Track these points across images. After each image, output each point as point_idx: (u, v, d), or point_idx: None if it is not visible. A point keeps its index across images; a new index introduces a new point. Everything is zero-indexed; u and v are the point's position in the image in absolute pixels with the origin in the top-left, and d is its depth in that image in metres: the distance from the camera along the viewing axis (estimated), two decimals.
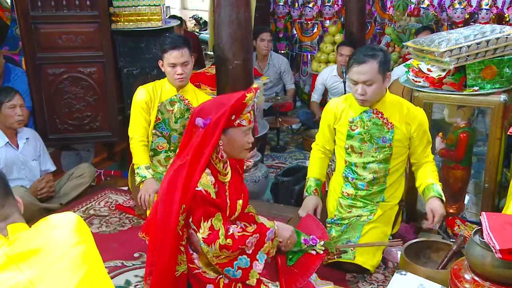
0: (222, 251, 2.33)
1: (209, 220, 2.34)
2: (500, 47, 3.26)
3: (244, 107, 2.44)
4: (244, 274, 2.40)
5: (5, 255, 1.56)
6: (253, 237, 2.40)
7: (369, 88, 3.03)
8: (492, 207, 3.42)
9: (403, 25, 5.94)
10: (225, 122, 2.39)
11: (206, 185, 2.38)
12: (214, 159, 2.47)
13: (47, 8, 4.39)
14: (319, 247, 2.65)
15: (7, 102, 3.92)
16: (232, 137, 2.46)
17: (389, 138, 3.16)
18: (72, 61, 4.53)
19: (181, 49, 3.48)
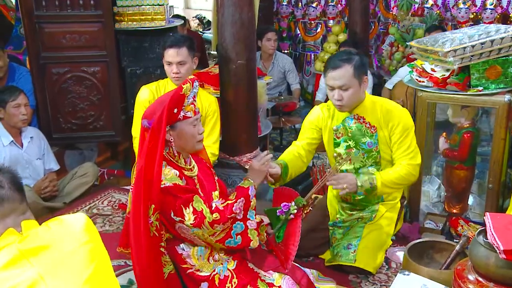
0: (214, 227, 2.35)
1: (190, 205, 2.35)
2: (505, 47, 3.25)
3: (183, 99, 2.42)
4: (244, 237, 2.44)
5: (18, 250, 1.59)
6: (238, 202, 2.43)
7: (345, 93, 3.01)
8: (496, 208, 3.41)
9: (407, 25, 5.92)
10: (168, 117, 2.37)
11: (172, 178, 2.39)
12: (172, 157, 2.49)
13: (51, 8, 4.41)
14: (292, 209, 2.70)
15: (11, 101, 3.94)
16: (181, 130, 2.46)
17: (374, 141, 3.13)
18: (76, 61, 4.55)
19: (178, 48, 3.51)
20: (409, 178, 3.11)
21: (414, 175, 3.12)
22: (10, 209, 1.71)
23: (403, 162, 3.09)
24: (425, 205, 3.78)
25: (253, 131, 4.16)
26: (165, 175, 2.39)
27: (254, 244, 2.47)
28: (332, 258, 3.21)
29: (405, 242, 3.19)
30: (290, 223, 2.71)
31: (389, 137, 3.12)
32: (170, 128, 2.43)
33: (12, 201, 1.71)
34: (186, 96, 2.43)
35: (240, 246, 2.46)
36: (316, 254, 3.37)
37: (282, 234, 2.70)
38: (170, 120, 2.41)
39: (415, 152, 3.12)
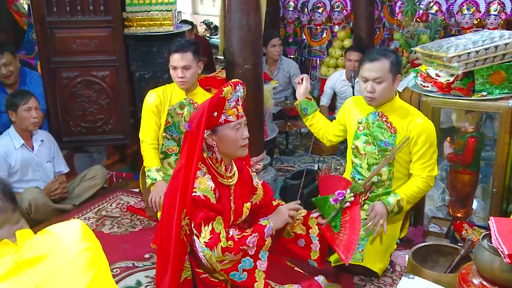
0: (224, 254, 2.30)
1: (210, 224, 2.30)
2: (509, 52, 3.24)
3: (224, 102, 2.37)
4: (250, 275, 2.36)
5: (14, 261, 1.59)
6: (253, 237, 2.35)
7: (378, 86, 3.05)
8: (500, 212, 3.40)
9: (412, 31, 5.92)
10: (207, 120, 2.33)
11: (205, 190, 2.34)
12: (214, 163, 2.44)
13: (62, 14, 4.43)
14: (348, 197, 2.59)
15: (22, 105, 3.96)
16: (223, 134, 2.40)
17: (391, 142, 3.15)
18: (86, 65, 4.57)
19: (183, 53, 3.50)
20: (426, 190, 3.20)
21: (430, 186, 3.19)
22: (3, 220, 1.69)
23: (421, 174, 3.11)
24: (430, 209, 3.78)
25: (260, 135, 4.16)
26: (199, 183, 2.34)
27: (259, 286, 2.37)
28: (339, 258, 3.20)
29: (410, 246, 3.19)
30: (349, 211, 2.59)
31: (410, 145, 3.11)
32: (212, 133, 2.39)
33: (4, 212, 1.70)
34: (227, 99, 2.37)
35: (243, 283, 2.38)
36: None
37: (339, 223, 2.58)
38: (210, 124, 2.36)
39: (434, 164, 3.14)
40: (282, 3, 7.08)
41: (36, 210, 3.85)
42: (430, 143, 3.10)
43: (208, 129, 2.36)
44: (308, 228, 2.64)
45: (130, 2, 4.51)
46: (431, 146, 3.10)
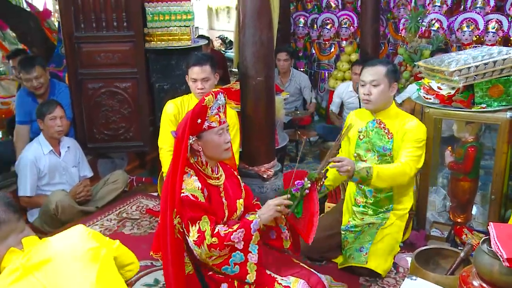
0: (211, 250, 2.30)
1: (196, 224, 2.31)
2: (507, 67, 3.24)
3: (206, 110, 2.38)
4: (242, 268, 2.37)
5: (22, 266, 1.63)
6: (238, 232, 2.34)
7: (374, 89, 3.11)
8: (498, 218, 3.39)
9: (415, 46, 5.92)
10: (190, 127, 2.36)
11: (193, 190, 2.35)
12: (200, 166, 2.46)
13: (89, 29, 4.49)
14: (306, 184, 2.58)
15: (48, 114, 4.00)
16: (207, 139, 2.42)
17: (389, 147, 3.16)
18: (109, 77, 4.60)
19: (202, 65, 3.51)
20: (403, 177, 3.06)
21: (408, 175, 3.06)
22: (9, 230, 1.72)
23: (402, 160, 3.07)
24: (431, 214, 3.76)
25: (271, 143, 4.16)
26: (186, 184, 2.36)
27: (251, 278, 2.37)
28: (345, 261, 3.20)
29: (413, 249, 3.17)
30: (307, 198, 2.60)
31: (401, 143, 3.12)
32: (197, 138, 2.41)
33: (9, 223, 1.72)
34: (209, 107, 2.39)
35: (236, 276, 2.38)
36: (329, 257, 3.36)
37: (300, 209, 2.59)
38: (194, 131, 2.39)
39: (419, 158, 3.11)
40: (293, 19, 7.11)
41: (62, 212, 3.88)
42: (418, 142, 3.09)
43: (193, 135, 2.39)
44: (277, 219, 2.63)
45: (151, 18, 4.54)
46: (419, 145, 3.10)
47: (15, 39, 6.99)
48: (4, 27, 7.02)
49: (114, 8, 4.46)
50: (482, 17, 5.64)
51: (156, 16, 4.55)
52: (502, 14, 5.60)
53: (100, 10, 4.46)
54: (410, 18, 6.05)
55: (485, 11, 5.73)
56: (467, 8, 5.85)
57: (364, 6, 5.94)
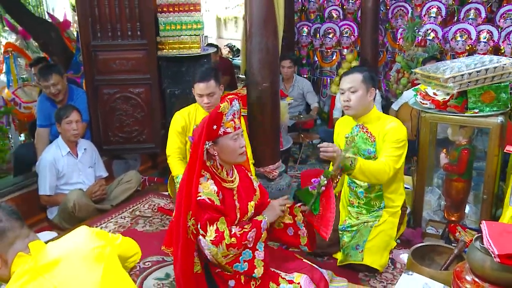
0: (229, 249, 2.28)
1: (214, 224, 2.29)
2: (497, 75, 3.23)
3: (222, 116, 2.37)
4: (250, 264, 2.36)
5: (31, 268, 1.64)
6: (252, 232, 2.35)
7: (353, 95, 3.12)
8: (489, 216, 3.37)
9: (412, 54, 5.91)
10: (207, 133, 2.34)
11: (209, 194, 2.33)
12: (216, 169, 2.45)
13: (105, 38, 4.51)
14: (322, 182, 2.58)
15: (65, 118, 4.02)
16: (223, 145, 2.40)
17: (372, 150, 3.17)
18: (124, 83, 4.62)
19: (207, 81, 3.49)
20: (382, 175, 3.01)
21: (387, 174, 3.01)
22: (14, 236, 1.73)
23: (382, 159, 3.05)
24: (427, 213, 3.75)
25: (276, 145, 4.17)
26: (203, 188, 2.34)
27: (259, 272, 2.37)
28: (344, 259, 3.21)
29: (409, 246, 3.17)
30: (323, 195, 2.59)
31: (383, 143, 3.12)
32: (213, 144, 2.39)
33: (13, 230, 1.74)
34: (224, 114, 2.37)
35: (245, 272, 2.37)
36: (330, 253, 3.36)
37: (318, 206, 2.59)
38: (210, 136, 2.37)
39: (399, 159, 3.08)
40: (297, 29, 7.11)
41: (79, 210, 3.90)
42: (398, 143, 3.07)
43: (209, 140, 2.37)
44: (294, 216, 2.65)
45: (163, 27, 4.58)
46: (399, 146, 3.07)
47: (37, 48, 7.04)
48: (28, 37, 7.10)
49: (128, 19, 4.48)
50: (474, 27, 5.64)
51: (168, 25, 4.58)
52: (493, 25, 5.60)
53: (115, 21, 4.48)
54: (407, 28, 6.05)
55: (477, 22, 5.72)
56: (460, 19, 5.84)
57: (364, 17, 5.95)
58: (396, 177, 3.22)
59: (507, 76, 3.26)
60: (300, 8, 7.12)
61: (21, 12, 6.26)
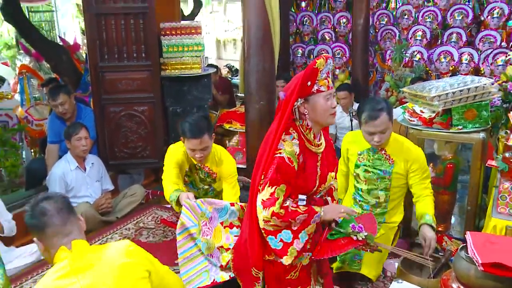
0: (272, 218, 2.13)
1: (273, 187, 2.13)
2: (479, 94, 3.27)
3: (317, 73, 2.15)
4: (284, 247, 2.20)
5: (69, 266, 1.66)
6: (303, 215, 2.17)
7: (384, 135, 2.99)
8: (473, 226, 3.38)
9: (399, 74, 5.95)
10: (300, 89, 2.13)
11: (291, 153, 2.15)
12: (304, 130, 2.25)
13: (112, 60, 4.53)
14: (361, 235, 2.37)
15: (74, 135, 4.03)
16: (315, 103, 2.19)
17: (389, 171, 3.10)
18: (129, 102, 4.62)
19: (200, 137, 3.11)
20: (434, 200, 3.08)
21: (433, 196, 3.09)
22: (52, 232, 1.74)
23: (426, 193, 3.04)
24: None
25: None
26: (286, 145, 2.17)
27: (287, 260, 2.21)
28: (341, 266, 3.17)
29: (399, 255, 3.15)
30: (348, 239, 2.38)
31: (407, 170, 3.06)
32: (305, 101, 2.19)
33: (53, 227, 1.75)
34: (320, 71, 2.16)
35: (275, 251, 2.22)
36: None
37: (336, 237, 2.39)
38: (303, 93, 2.17)
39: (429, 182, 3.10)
40: (292, 50, 7.16)
41: (86, 221, 3.80)
42: (425, 169, 3.06)
43: (301, 97, 2.18)
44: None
45: (166, 49, 4.60)
46: (426, 171, 3.07)
47: (49, 69, 7.10)
48: (40, 59, 7.17)
49: (134, 41, 4.51)
50: (457, 50, 5.71)
51: (171, 47, 4.60)
52: (473, 48, 5.69)
53: (122, 43, 4.51)
54: (395, 50, 6.10)
55: (459, 45, 5.79)
56: (444, 42, 5.91)
57: (354, 39, 6.01)
58: (402, 197, 3.21)
59: (487, 95, 3.30)
60: (295, 31, 7.16)
61: (36, 37, 6.34)
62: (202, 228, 2.80)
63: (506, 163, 2.88)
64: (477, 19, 5.87)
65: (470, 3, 5.87)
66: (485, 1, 5.73)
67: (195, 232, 2.78)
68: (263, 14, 3.70)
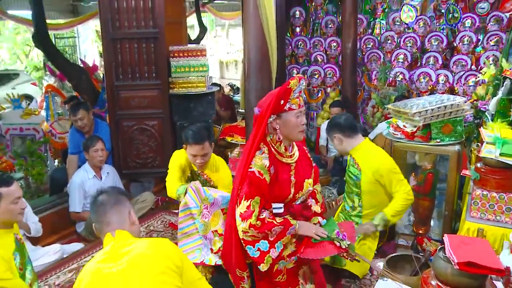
0: (250, 229, 2.12)
1: (248, 200, 2.12)
2: (454, 111, 3.31)
3: (290, 92, 2.15)
4: (261, 256, 2.19)
5: (110, 252, 1.72)
6: (278, 227, 2.16)
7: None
8: (450, 229, 3.39)
9: (384, 93, 5.99)
10: (274, 107, 2.12)
11: (261, 167, 2.14)
12: (275, 143, 2.24)
13: (126, 79, 4.56)
14: (344, 243, 2.30)
15: (92, 147, 4.06)
16: (286, 120, 2.18)
17: (358, 177, 3.12)
18: (141, 117, 4.64)
19: (202, 144, 3.06)
20: (407, 202, 3.07)
21: (410, 198, 3.07)
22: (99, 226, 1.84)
23: (399, 192, 3.05)
24: (399, 227, 3.76)
25: None
26: (255, 160, 2.16)
27: (264, 267, 2.20)
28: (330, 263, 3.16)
29: (384, 255, 3.16)
30: (331, 245, 2.30)
31: (376, 181, 3.07)
32: (277, 117, 2.18)
33: (98, 222, 1.84)
34: (293, 90, 2.16)
35: (253, 259, 2.21)
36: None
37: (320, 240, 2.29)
38: (276, 110, 2.16)
39: (403, 181, 3.07)
40: (287, 71, 7.18)
41: None
42: (389, 172, 3.04)
43: (274, 114, 2.17)
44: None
45: (174, 70, 4.61)
46: (392, 173, 3.05)
47: (71, 88, 7.20)
48: (63, 79, 7.30)
49: (146, 63, 4.55)
50: (434, 71, 5.78)
51: (178, 68, 4.60)
52: (448, 70, 5.77)
53: (135, 65, 4.54)
54: (380, 71, 6.14)
55: (436, 67, 5.86)
56: (423, 64, 5.97)
57: (344, 61, 6.06)
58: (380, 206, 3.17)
59: (461, 112, 3.34)
60: (291, 53, 7.20)
61: (60, 60, 6.51)
62: (203, 211, 2.81)
63: (478, 173, 2.91)
64: (450, 45, 5.96)
65: (444, 31, 5.96)
66: (456, 30, 5.84)
67: (195, 213, 2.80)
68: (262, 38, 3.72)
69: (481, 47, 5.70)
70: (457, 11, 5.75)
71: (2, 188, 2.42)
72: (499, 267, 2.03)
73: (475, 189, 2.90)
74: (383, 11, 6.48)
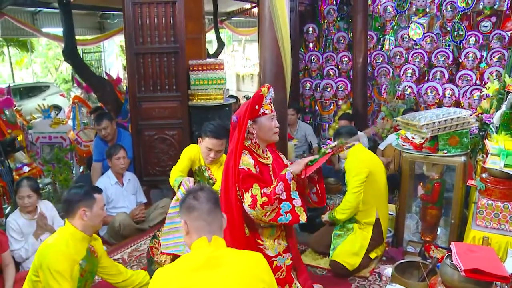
0: (264, 208, 2.16)
1: (249, 191, 2.19)
2: (460, 123, 3.30)
3: (262, 98, 2.29)
4: (293, 214, 2.22)
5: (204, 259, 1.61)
6: (279, 185, 2.20)
7: None
8: (456, 237, 3.36)
9: (393, 105, 5.97)
10: (251, 112, 2.26)
11: (247, 164, 2.24)
12: (253, 147, 2.34)
13: (147, 91, 4.61)
14: (330, 146, 2.39)
15: (115, 155, 4.11)
16: (261, 124, 2.32)
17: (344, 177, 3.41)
18: (161, 127, 4.68)
19: (221, 139, 3.11)
20: (346, 205, 3.31)
21: (350, 203, 3.28)
22: (197, 216, 1.70)
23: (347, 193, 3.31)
24: (407, 234, 3.73)
25: None
26: (243, 160, 2.25)
27: (303, 217, 2.23)
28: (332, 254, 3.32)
29: (393, 262, 3.17)
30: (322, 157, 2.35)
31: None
32: (253, 122, 2.31)
33: (199, 211, 1.70)
34: (264, 97, 2.30)
35: (291, 222, 2.23)
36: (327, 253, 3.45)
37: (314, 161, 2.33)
38: (252, 115, 2.29)
39: (352, 188, 3.28)
40: (301, 84, 7.22)
41: (123, 229, 3.94)
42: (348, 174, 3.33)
43: (251, 119, 2.29)
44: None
45: (193, 82, 4.64)
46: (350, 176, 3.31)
47: (96, 99, 7.35)
48: (89, 91, 7.45)
49: (166, 76, 4.60)
50: (441, 85, 5.78)
51: (197, 81, 4.64)
52: (454, 84, 5.77)
53: (156, 77, 4.59)
54: (389, 85, 6.14)
55: (442, 82, 5.86)
56: (430, 78, 5.97)
57: (355, 75, 6.08)
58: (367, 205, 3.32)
59: (467, 125, 3.33)
60: (304, 68, 7.23)
61: (87, 73, 6.67)
62: None
63: (483, 183, 2.90)
64: (456, 60, 5.96)
65: (450, 47, 5.97)
66: (461, 46, 5.85)
67: None
68: (277, 53, 3.74)
69: (485, 63, 5.71)
70: (462, 29, 5.81)
71: (97, 194, 2.61)
72: (504, 274, 2.02)
73: (481, 198, 2.88)
74: (392, 28, 6.49)
